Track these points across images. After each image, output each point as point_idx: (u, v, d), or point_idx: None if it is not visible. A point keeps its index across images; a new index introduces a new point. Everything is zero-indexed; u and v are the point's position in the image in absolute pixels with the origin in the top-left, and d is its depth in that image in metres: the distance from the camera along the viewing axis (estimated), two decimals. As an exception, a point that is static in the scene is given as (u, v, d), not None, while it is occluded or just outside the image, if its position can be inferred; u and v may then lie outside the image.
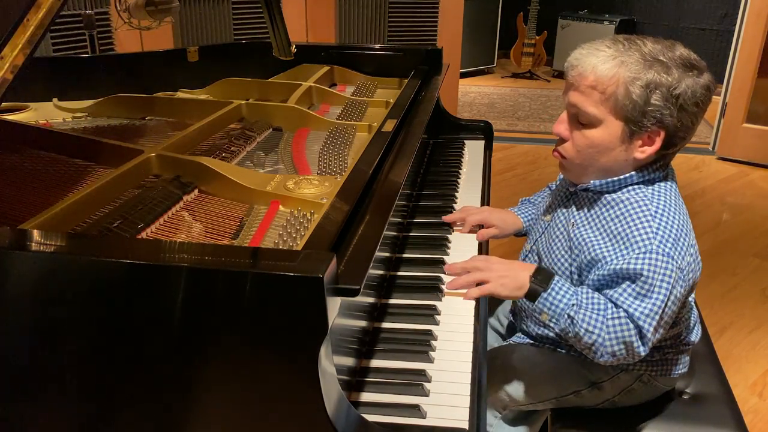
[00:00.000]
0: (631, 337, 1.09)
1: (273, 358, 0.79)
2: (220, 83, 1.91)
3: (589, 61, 1.11)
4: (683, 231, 1.12)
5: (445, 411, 0.95)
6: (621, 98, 1.09)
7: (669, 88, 1.07)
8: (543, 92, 5.78)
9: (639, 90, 1.08)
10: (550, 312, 1.14)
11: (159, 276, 0.78)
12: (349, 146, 1.45)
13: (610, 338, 1.10)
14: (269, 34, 1.76)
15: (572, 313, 1.11)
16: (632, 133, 1.12)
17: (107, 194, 1.12)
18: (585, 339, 1.11)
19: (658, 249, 1.08)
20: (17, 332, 0.83)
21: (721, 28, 5.56)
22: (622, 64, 1.09)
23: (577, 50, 1.15)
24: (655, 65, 1.08)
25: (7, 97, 0.91)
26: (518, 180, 3.79)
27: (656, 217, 1.11)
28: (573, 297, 1.13)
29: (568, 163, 1.21)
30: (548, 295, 1.13)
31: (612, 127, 1.12)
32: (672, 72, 1.08)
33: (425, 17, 3.85)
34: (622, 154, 1.15)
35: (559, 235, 1.27)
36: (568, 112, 1.18)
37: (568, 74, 1.15)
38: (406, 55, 2.03)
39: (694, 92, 1.08)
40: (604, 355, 1.11)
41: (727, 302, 2.60)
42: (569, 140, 1.19)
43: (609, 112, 1.11)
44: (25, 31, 0.92)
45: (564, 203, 1.30)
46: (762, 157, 4.06)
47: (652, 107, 1.09)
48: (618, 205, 1.17)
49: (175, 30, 3.19)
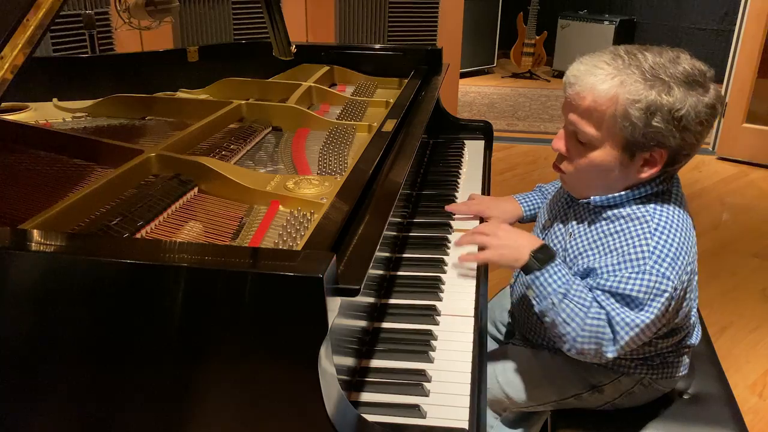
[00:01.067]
0: (603, 340, 1.08)
1: (273, 358, 0.79)
2: (220, 83, 1.91)
3: (588, 81, 1.07)
4: (682, 249, 1.08)
5: (445, 411, 0.95)
6: (620, 120, 1.05)
7: (671, 110, 1.02)
8: (543, 92, 5.78)
9: (638, 113, 1.03)
10: (536, 290, 1.13)
11: (159, 276, 0.78)
12: (349, 146, 1.45)
13: (582, 335, 1.08)
14: (269, 34, 1.76)
15: (556, 300, 1.10)
16: (633, 155, 1.08)
17: (107, 194, 1.12)
18: (559, 328, 1.11)
19: (652, 270, 1.05)
20: (17, 332, 0.83)
21: (721, 28, 5.56)
22: (622, 84, 1.04)
23: (575, 64, 1.11)
24: (657, 85, 1.03)
25: (7, 97, 0.91)
26: (518, 180, 3.79)
27: (655, 235, 1.08)
28: (563, 285, 1.11)
29: (568, 178, 1.20)
30: (541, 275, 1.13)
31: (611, 148, 1.09)
32: (674, 92, 1.02)
33: (425, 17, 3.85)
34: (622, 174, 1.12)
35: (556, 243, 1.25)
36: (566, 129, 1.15)
37: (567, 91, 1.12)
38: (406, 55, 2.03)
39: (698, 113, 1.03)
40: (572, 349, 1.11)
41: (727, 302, 2.60)
42: (568, 157, 1.17)
43: (608, 134, 1.08)
44: (25, 31, 0.92)
45: (564, 211, 1.28)
46: (762, 157, 4.06)
47: (653, 129, 1.04)
48: (618, 220, 1.14)
49: (175, 30, 3.19)
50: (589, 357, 1.11)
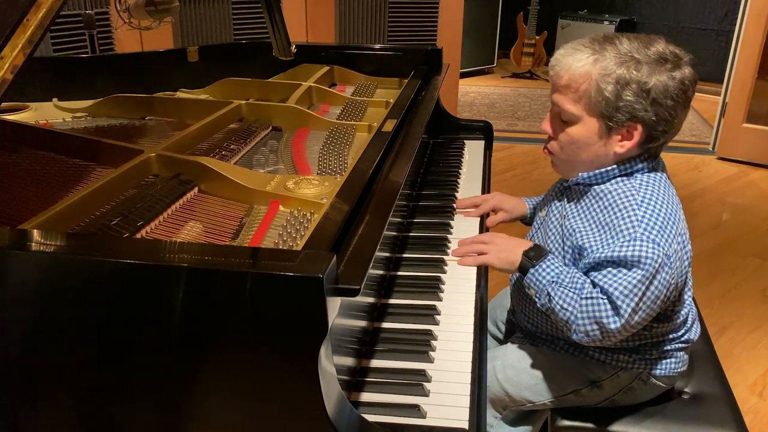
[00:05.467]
0: (604, 316, 1.10)
1: (273, 358, 0.79)
2: (219, 83, 1.91)
3: (566, 61, 1.16)
4: (671, 219, 1.13)
5: (445, 411, 0.95)
6: (594, 95, 1.13)
7: (639, 83, 1.10)
8: (543, 92, 5.78)
9: (610, 87, 1.11)
10: (534, 287, 1.20)
11: (159, 276, 0.78)
12: (349, 146, 1.45)
13: (582, 317, 1.12)
14: (269, 34, 1.76)
15: (551, 290, 1.16)
16: (609, 129, 1.16)
17: (107, 194, 1.12)
18: (560, 315, 1.15)
19: (642, 236, 1.10)
20: (17, 332, 0.83)
21: (721, 28, 5.56)
22: (595, 62, 1.13)
23: (558, 51, 1.20)
24: (628, 62, 1.11)
25: (7, 97, 0.91)
26: (518, 180, 3.79)
27: (642, 206, 1.13)
28: (555, 275, 1.17)
29: (555, 158, 1.27)
30: (535, 271, 1.19)
31: (589, 123, 1.17)
32: (642, 68, 1.10)
33: (425, 17, 3.85)
34: (602, 149, 1.19)
35: (553, 228, 1.30)
36: (552, 110, 1.24)
37: (549, 74, 1.22)
38: (406, 55, 2.04)
39: (666, 86, 1.10)
40: (578, 333, 1.14)
41: (727, 302, 2.60)
42: (555, 137, 1.24)
43: (584, 109, 1.16)
44: (25, 31, 0.92)
45: (558, 198, 1.34)
46: (762, 157, 4.06)
47: (624, 102, 1.12)
48: (606, 196, 1.19)
49: (175, 30, 3.19)
50: (597, 338, 1.13)
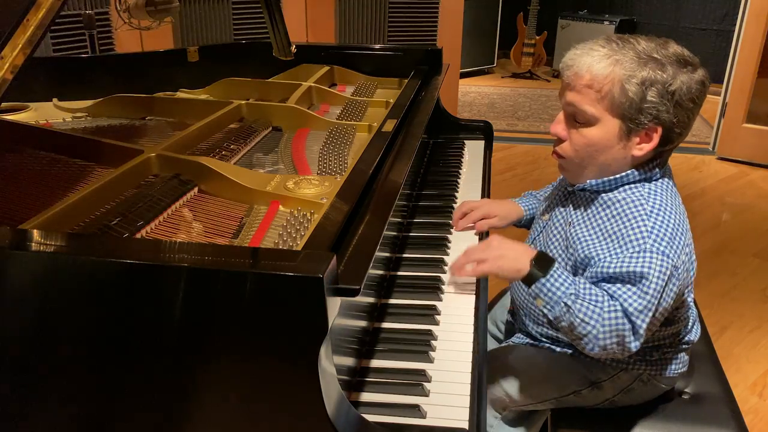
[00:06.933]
0: (625, 331, 1.09)
1: (273, 358, 0.79)
2: (220, 83, 1.91)
3: (585, 60, 1.13)
4: (679, 230, 1.12)
5: (445, 411, 0.95)
6: (617, 96, 1.10)
7: (664, 84, 1.08)
8: (543, 92, 5.78)
9: (635, 87, 1.09)
10: (546, 298, 1.13)
11: (159, 276, 0.78)
12: (349, 146, 1.45)
13: (604, 331, 1.09)
14: (269, 34, 1.76)
15: (569, 302, 1.10)
16: (629, 131, 1.13)
17: (107, 194, 1.12)
18: (579, 329, 1.10)
19: (652, 248, 1.08)
20: (17, 332, 0.83)
21: (721, 28, 5.56)
22: (617, 63, 1.10)
23: (571, 51, 1.17)
24: (650, 62, 1.09)
25: (7, 97, 0.91)
26: (518, 180, 3.79)
27: (651, 216, 1.12)
28: (571, 286, 1.12)
29: (566, 162, 1.22)
30: (546, 281, 1.12)
31: (609, 125, 1.13)
32: (666, 68, 1.09)
33: (425, 17, 3.85)
34: (620, 152, 1.15)
35: (557, 234, 1.27)
36: (565, 111, 1.19)
37: (564, 74, 1.17)
38: (406, 55, 2.03)
39: (689, 88, 1.09)
40: (595, 347, 1.10)
41: (727, 302, 2.60)
42: (567, 140, 1.19)
43: (606, 111, 1.13)
44: (25, 31, 0.92)
45: (562, 203, 1.30)
46: (762, 157, 4.06)
47: (648, 104, 1.10)
48: (614, 204, 1.17)
49: (175, 30, 3.19)
50: (612, 353, 1.12)
